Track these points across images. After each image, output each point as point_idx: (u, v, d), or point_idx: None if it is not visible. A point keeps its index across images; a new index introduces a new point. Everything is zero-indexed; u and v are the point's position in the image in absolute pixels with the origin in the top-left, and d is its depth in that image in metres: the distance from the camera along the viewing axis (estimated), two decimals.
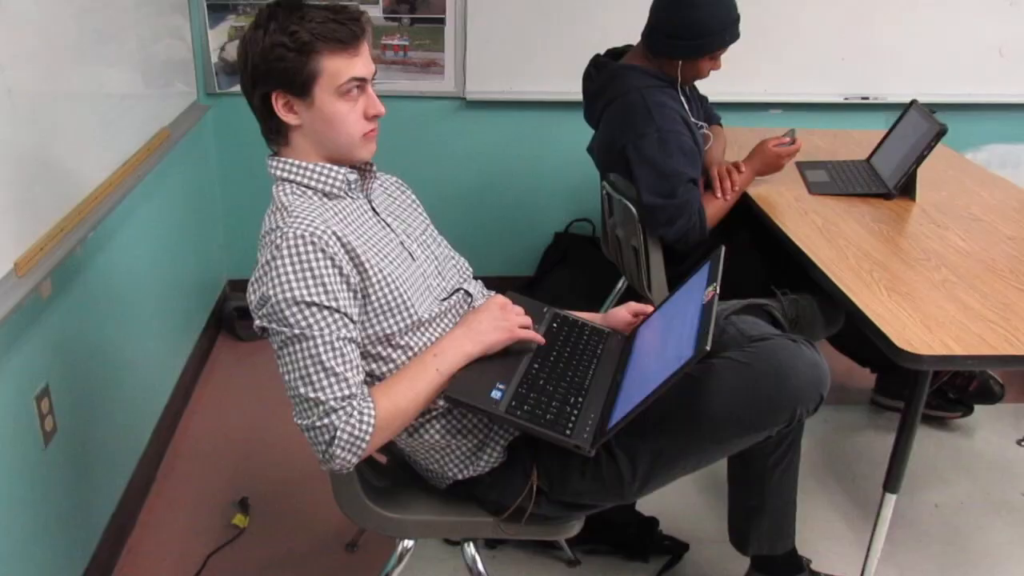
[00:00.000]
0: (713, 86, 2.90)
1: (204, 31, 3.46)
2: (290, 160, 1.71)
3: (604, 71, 2.77)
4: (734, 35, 2.62)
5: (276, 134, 1.72)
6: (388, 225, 1.79)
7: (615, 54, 2.87)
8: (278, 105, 1.65)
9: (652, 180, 2.58)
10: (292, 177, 1.70)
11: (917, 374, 1.97)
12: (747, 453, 1.94)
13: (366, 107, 1.68)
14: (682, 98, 2.70)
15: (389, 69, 3.60)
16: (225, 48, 3.50)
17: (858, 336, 2.40)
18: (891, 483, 2.08)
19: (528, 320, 1.79)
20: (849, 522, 2.65)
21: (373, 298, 1.64)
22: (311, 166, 1.70)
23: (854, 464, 2.92)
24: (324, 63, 1.61)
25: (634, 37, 2.78)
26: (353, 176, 1.74)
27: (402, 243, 1.78)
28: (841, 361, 3.06)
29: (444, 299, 1.81)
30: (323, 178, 1.71)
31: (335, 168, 1.71)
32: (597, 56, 2.89)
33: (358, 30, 1.64)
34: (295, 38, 1.59)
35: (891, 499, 2.10)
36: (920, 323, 1.95)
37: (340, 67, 1.62)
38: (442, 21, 3.56)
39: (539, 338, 1.81)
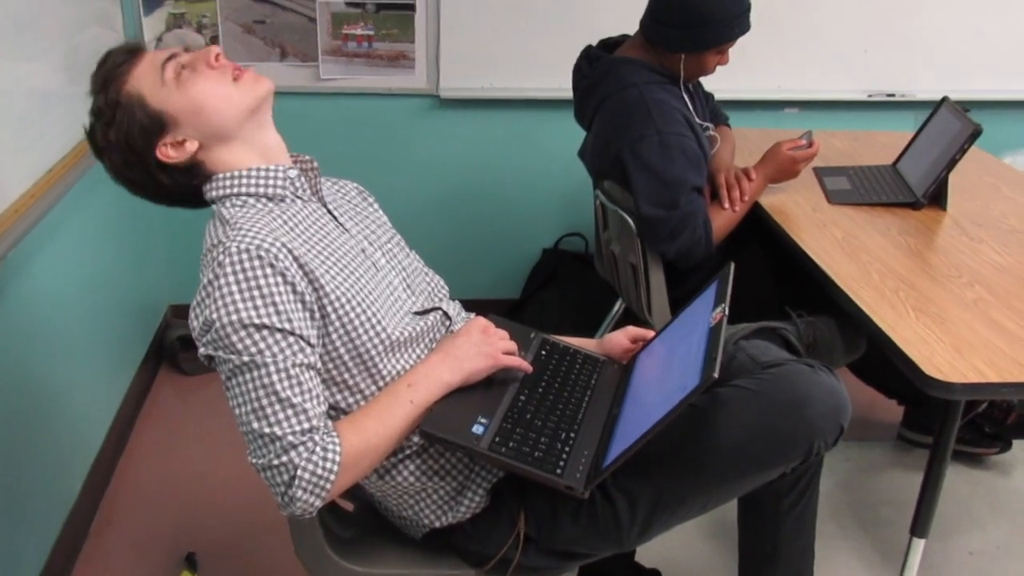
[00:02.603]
0: (720, 82, 2.94)
1: (138, 19, 3.50)
2: (224, 174, 1.75)
3: (597, 65, 2.81)
4: (744, 27, 2.66)
5: (198, 178, 1.77)
6: (347, 231, 1.82)
7: (609, 45, 2.90)
8: (171, 154, 1.73)
9: (652, 189, 2.62)
10: (230, 191, 1.74)
11: (948, 404, 2.02)
12: (759, 494, 1.97)
13: (205, 61, 1.74)
14: (685, 96, 2.74)
15: (351, 63, 3.65)
16: (163, 39, 3.54)
17: (883, 363, 2.44)
18: (919, 527, 2.13)
19: (513, 345, 1.83)
20: (873, 571, 2.69)
21: (333, 316, 1.66)
22: (244, 172, 1.75)
23: (878, 506, 2.96)
24: (133, 88, 1.71)
25: (630, 26, 2.82)
26: (293, 172, 1.78)
27: (363, 250, 1.81)
28: (864, 392, 3.10)
29: (417, 314, 1.83)
30: (262, 180, 1.75)
31: (271, 167, 1.76)
32: (589, 47, 2.92)
33: (124, 48, 1.76)
34: (109, 100, 1.71)
35: (919, 545, 2.14)
36: (951, 347, 2.00)
37: (143, 74, 1.72)
38: (412, 8, 3.60)
39: (526, 365, 1.84)
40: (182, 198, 1.80)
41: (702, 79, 2.87)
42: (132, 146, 1.72)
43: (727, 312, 1.75)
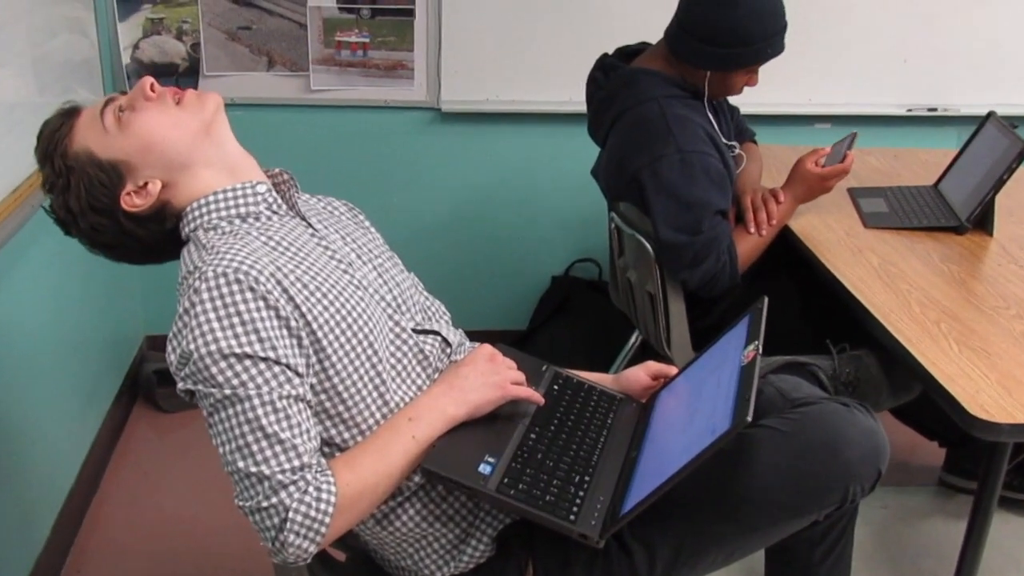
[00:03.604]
0: (746, 95, 2.91)
1: (112, 24, 3.53)
2: (190, 207, 1.79)
3: (613, 75, 2.83)
4: (778, 48, 2.68)
5: (170, 220, 1.80)
6: (330, 245, 1.83)
7: (627, 54, 2.92)
8: (137, 202, 1.77)
9: (672, 211, 2.64)
10: (200, 222, 1.77)
11: (994, 447, 2.03)
12: (789, 543, 1.98)
13: (143, 95, 1.78)
14: (708, 112, 2.77)
15: (344, 72, 3.68)
16: (140, 46, 3.57)
17: (923, 402, 2.46)
18: None
19: (522, 375, 1.85)
20: None
21: (324, 342, 1.68)
22: (212, 197, 1.78)
23: (918, 557, 2.96)
24: (78, 146, 1.77)
25: (650, 33, 2.86)
26: (263, 187, 1.81)
27: (351, 264, 1.83)
28: (903, 433, 3.11)
29: (415, 332, 1.85)
30: (231, 201, 1.78)
31: (238, 186, 1.79)
32: (605, 56, 2.95)
33: (60, 111, 1.83)
34: (57, 168, 1.77)
35: None
36: (998, 384, 2.01)
37: (84, 128, 1.77)
38: (411, 13, 3.63)
39: (537, 397, 1.86)
40: (165, 249, 1.84)
41: None
42: (96, 207, 1.76)
43: (760, 350, 1.77)
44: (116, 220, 1.77)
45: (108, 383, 3.48)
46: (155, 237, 1.81)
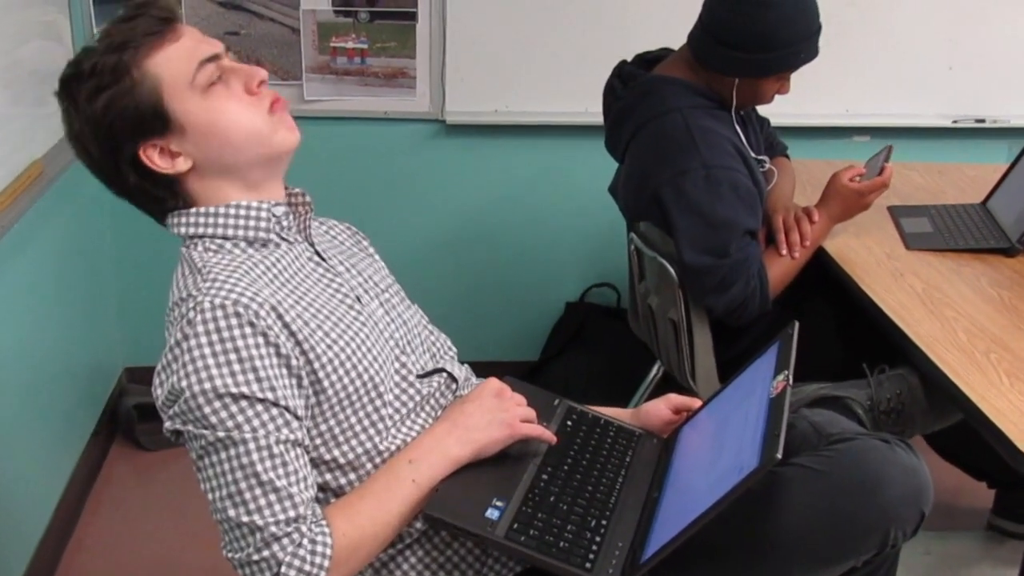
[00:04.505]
0: (778, 106, 2.93)
1: (89, 29, 3.53)
2: (197, 210, 1.77)
3: (633, 84, 2.84)
4: (812, 52, 2.68)
5: (170, 197, 1.77)
6: (337, 277, 1.84)
7: (647, 61, 2.93)
8: (156, 160, 1.71)
9: (697, 232, 2.64)
10: (204, 231, 1.76)
11: None
12: None
13: (245, 81, 1.74)
14: (736, 123, 2.78)
15: (341, 81, 3.69)
16: None
17: (971, 439, 2.45)
18: None
19: (532, 412, 1.84)
20: None
21: (326, 383, 1.68)
22: (223, 209, 1.76)
23: None
24: (154, 68, 1.68)
25: (672, 39, 2.87)
26: (281, 209, 1.81)
27: (358, 299, 1.83)
28: (948, 472, 3.10)
29: (420, 377, 1.86)
30: (244, 221, 1.76)
31: (255, 204, 1.77)
32: (623, 64, 2.96)
33: (160, 14, 1.71)
34: (121, 64, 1.66)
35: None
36: None
37: (175, 60, 1.69)
38: (413, 17, 3.64)
39: (549, 435, 1.86)
40: (137, 200, 1.79)
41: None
42: (113, 129, 1.68)
43: (791, 381, 1.77)
44: (118, 152, 1.71)
45: (84, 419, 3.48)
46: (141, 191, 1.76)
